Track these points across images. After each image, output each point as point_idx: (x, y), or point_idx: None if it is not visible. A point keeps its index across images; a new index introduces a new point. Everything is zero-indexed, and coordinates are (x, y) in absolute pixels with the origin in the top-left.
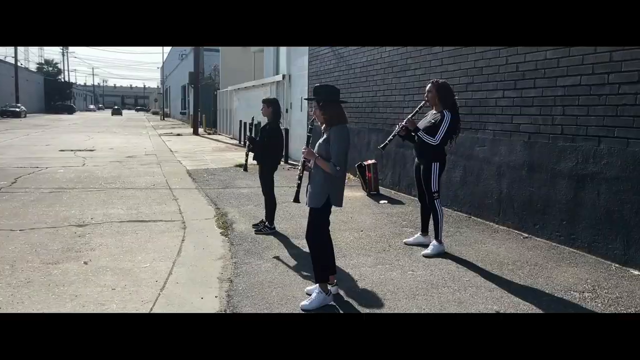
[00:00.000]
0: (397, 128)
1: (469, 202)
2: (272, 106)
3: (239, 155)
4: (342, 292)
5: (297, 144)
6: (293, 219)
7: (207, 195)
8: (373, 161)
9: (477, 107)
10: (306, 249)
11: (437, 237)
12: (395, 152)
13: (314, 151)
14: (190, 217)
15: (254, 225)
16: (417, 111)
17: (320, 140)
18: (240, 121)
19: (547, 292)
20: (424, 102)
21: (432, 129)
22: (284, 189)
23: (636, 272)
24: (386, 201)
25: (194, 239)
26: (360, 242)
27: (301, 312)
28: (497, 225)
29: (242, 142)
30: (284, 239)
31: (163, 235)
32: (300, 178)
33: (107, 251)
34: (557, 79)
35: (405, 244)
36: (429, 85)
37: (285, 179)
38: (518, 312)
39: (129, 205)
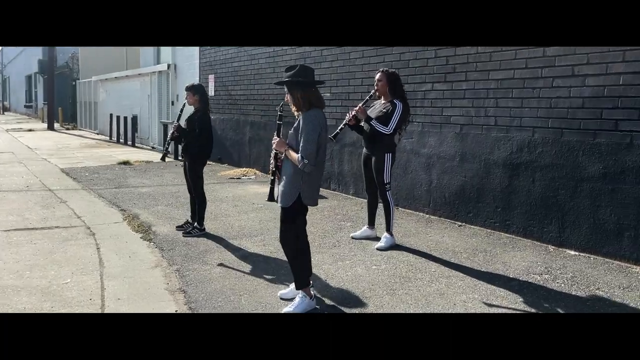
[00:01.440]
0: (347, 117)
1: (396, 193)
2: (198, 93)
3: (117, 152)
4: (317, 294)
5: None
6: (218, 218)
7: (101, 196)
8: None
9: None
10: (251, 249)
11: (389, 229)
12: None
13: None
14: (93, 221)
15: (179, 227)
16: (367, 100)
17: (291, 129)
18: (112, 115)
19: (511, 276)
20: (373, 91)
21: (383, 119)
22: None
23: (572, 252)
24: None
25: (112, 246)
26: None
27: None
28: (428, 215)
29: (117, 138)
30: (219, 240)
31: (68, 244)
32: (273, 173)
33: (5, 267)
34: (490, 72)
35: (353, 238)
36: (379, 74)
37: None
38: (498, 298)
39: (7, 210)
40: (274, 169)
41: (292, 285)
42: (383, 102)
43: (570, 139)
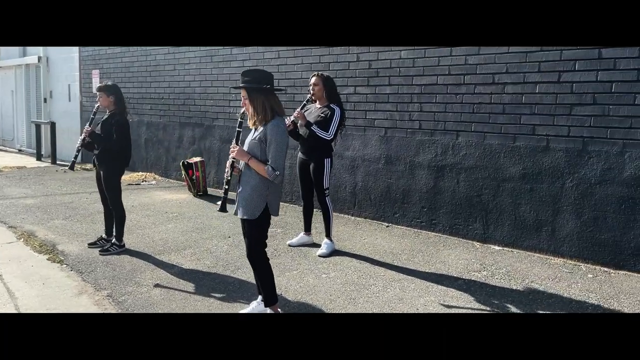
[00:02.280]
0: (288, 119)
1: None
2: (114, 93)
3: None
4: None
5: (66, 141)
6: (133, 231)
7: None
8: (200, 159)
9: None
10: (185, 265)
11: (329, 234)
12: (219, 149)
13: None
14: None
15: (92, 245)
16: (303, 105)
17: (252, 138)
18: None
19: (454, 275)
20: (310, 95)
21: (322, 124)
22: (79, 195)
23: (497, 247)
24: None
25: (16, 272)
26: (239, 250)
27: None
28: (354, 217)
29: None
30: (145, 257)
31: None
32: (227, 182)
33: None
34: (413, 78)
35: (290, 245)
36: (314, 78)
37: (71, 184)
38: (453, 299)
39: None
40: (228, 178)
41: (254, 303)
42: (319, 106)
43: (492, 142)
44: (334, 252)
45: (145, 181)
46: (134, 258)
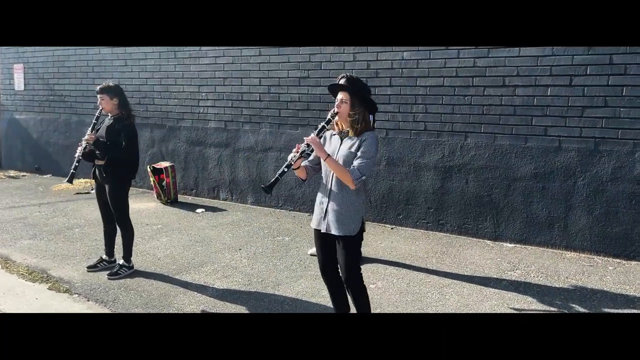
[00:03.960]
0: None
1: (311, 200)
2: (118, 96)
3: None
4: None
5: None
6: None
7: None
8: (170, 163)
9: (317, 103)
10: (217, 285)
11: None
12: (187, 152)
13: (334, 157)
14: None
15: (91, 268)
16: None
17: (344, 147)
18: None
19: (495, 276)
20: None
21: None
22: (26, 209)
23: (509, 245)
24: (203, 210)
25: (21, 307)
26: (261, 262)
27: None
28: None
29: None
30: (163, 278)
31: None
32: (288, 166)
33: None
34: (417, 79)
35: (312, 255)
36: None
37: (4, 195)
38: (515, 302)
39: None
40: (292, 162)
41: None
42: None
43: (503, 143)
44: (375, 262)
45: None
46: (152, 280)
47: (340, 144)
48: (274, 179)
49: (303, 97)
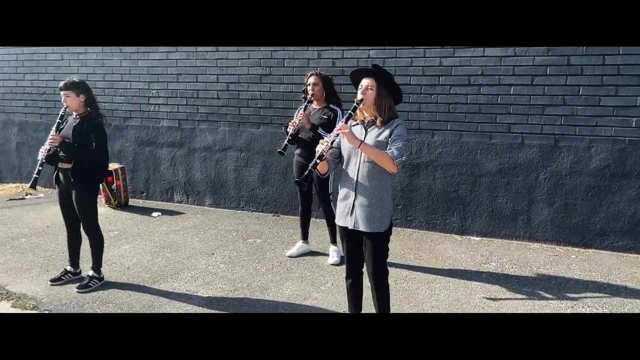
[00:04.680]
0: (290, 128)
1: (274, 201)
2: (86, 93)
3: None
4: None
5: None
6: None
7: None
8: (119, 165)
9: (280, 101)
10: (200, 293)
11: (335, 241)
12: (136, 153)
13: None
14: None
15: (55, 281)
16: (306, 106)
17: (370, 136)
18: None
19: (473, 269)
20: (310, 96)
21: (326, 126)
22: None
23: (477, 238)
24: (160, 213)
25: None
26: (241, 266)
27: None
28: (319, 220)
29: None
30: (139, 288)
31: None
32: (320, 157)
33: None
34: None
35: (290, 256)
36: (313, 77)
37: None
38: (500, 293)
39: None
40: (324, 153)
41: None
42: (317, 107)
43: (469, 140)
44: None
45: (31, 195)
46: (129, 291)
47: (366, 134)
48: (307, 172)
49: (265, 95)
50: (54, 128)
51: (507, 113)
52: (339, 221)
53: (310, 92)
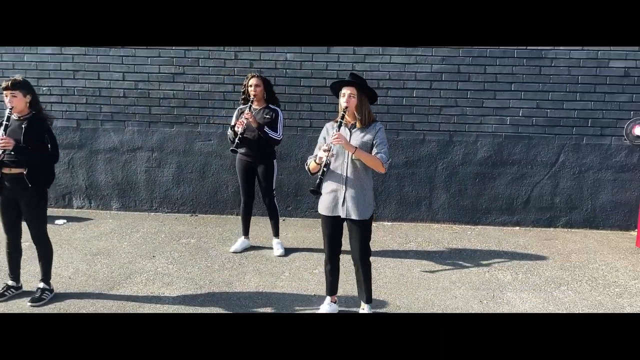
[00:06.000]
0: (238, 127)
1: (191, 200)
2: (31, 93)
3: None
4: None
5: None
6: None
7: None
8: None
9: (195, 100)
10: (168, 294)
11: (278, 234)
12: None
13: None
14: None
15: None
16: (250, 106)
17: (355, 138)
18: None
19: (402, 249)
20: (252, 97)
21: (270, 126)
22: None
23: (388, 224)
24: (65, 220)
25: None
26: (194, 265)
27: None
28: (235, 217)
29: None
30: (98, 296)
31: None
32: (327, 165)
33: None
34: (302, 80)
35: (235, 252)
36: (255, 79)
37: None
38: (436, 265)
39: None
40: (328, 162)
41: (330, 305)
42: (257, 108)
43: (402, 138)
44: (293, 251)
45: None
46: (89, 300)
47: (350, 135)
48: (318, 180)
49: (179, 94)
50: (1, 130)
51: (410, 113)
52: (325, 212)
53: (252, 93)
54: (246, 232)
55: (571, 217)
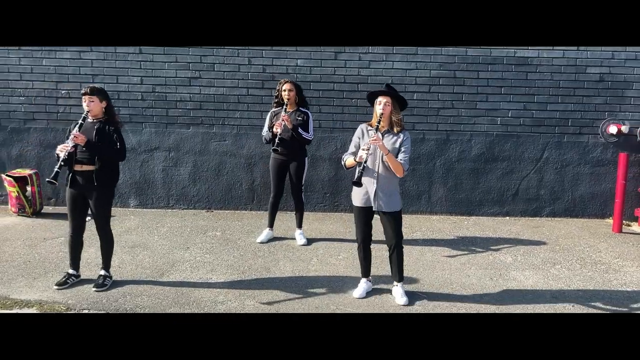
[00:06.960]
0: (278, 129)
1: (207, 197)
2: (107, 100)
3: None
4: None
5: None
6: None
7: None
8: (32, 170)
9: (211, 103)
10: (215, 279)
11: (301, 226)
12: (41, 157)
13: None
14: None
15: (61, 285)
16: (285, 109)
17: (387, 142)
18: None
19: (420, 237)
20: (286, 101)
21: (303, 127)
22: None
23: None
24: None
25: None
26: (235, 250)
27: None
28: (255, 212)
29: None
30: (152, 282)
31: None
32: (365, 162)
33: None
34: (311, 84)
35: (261, 243)
36: (288, 84)
37: None
38: (458, 252)
39: None
40: (364, 160)
41: (366, 285)
42: (290, 110)
43: None
44: (313, 241)
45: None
46: (145, 285)
47: (383, 139)
48: (359, 174)
49: (195, 97)
50: (76, 128)
51: (411, 114)
52: (360, 203)
53: (286, 97)
54: (271, 225)
55: (554, 207)
